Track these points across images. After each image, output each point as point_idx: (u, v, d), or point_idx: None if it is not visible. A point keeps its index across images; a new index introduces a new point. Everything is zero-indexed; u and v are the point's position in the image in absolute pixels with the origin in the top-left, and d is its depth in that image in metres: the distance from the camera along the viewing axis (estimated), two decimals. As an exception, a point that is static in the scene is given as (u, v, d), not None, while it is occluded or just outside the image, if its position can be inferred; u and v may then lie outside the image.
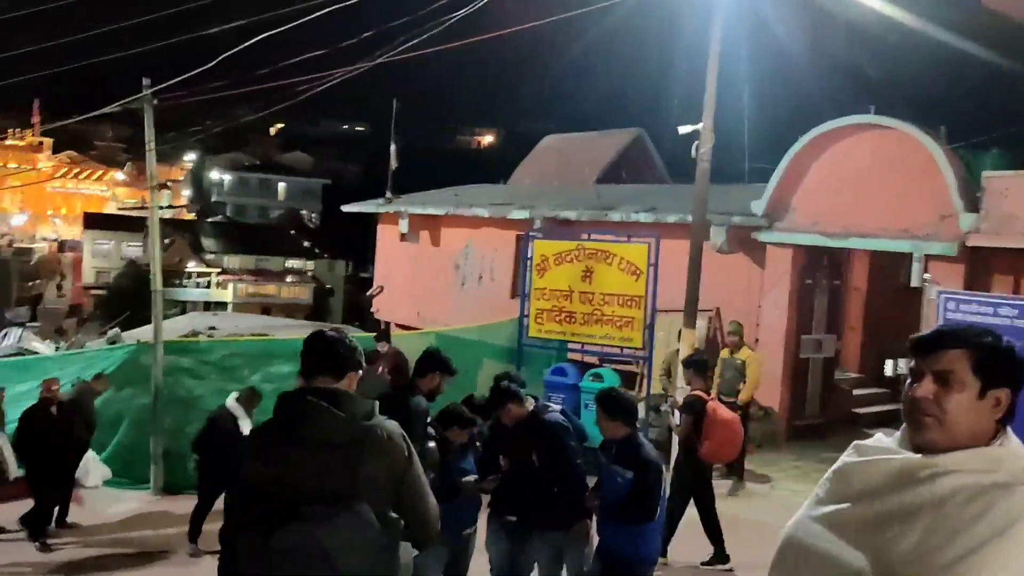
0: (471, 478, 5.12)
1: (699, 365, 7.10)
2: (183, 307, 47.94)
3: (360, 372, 2.71)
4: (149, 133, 10.15)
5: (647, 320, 9.88)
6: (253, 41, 7.97)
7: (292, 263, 62.13)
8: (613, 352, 10.83)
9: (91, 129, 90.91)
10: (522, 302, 10.85)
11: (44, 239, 69.88)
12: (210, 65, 8.15)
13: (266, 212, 73.66)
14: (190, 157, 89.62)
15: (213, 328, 17.00)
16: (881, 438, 1.88)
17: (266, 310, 52.37)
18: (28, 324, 47.01)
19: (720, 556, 7.05)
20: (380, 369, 9.97)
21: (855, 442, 1.89)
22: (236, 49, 7.97)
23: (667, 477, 5.48)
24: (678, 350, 9.38)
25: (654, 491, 4.64)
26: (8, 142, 78.19)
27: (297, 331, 17.43)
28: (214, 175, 77.25)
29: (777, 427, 11.60)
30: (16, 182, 72.72)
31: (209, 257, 61.09)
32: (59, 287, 62.97)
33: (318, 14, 8.87)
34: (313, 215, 73.19)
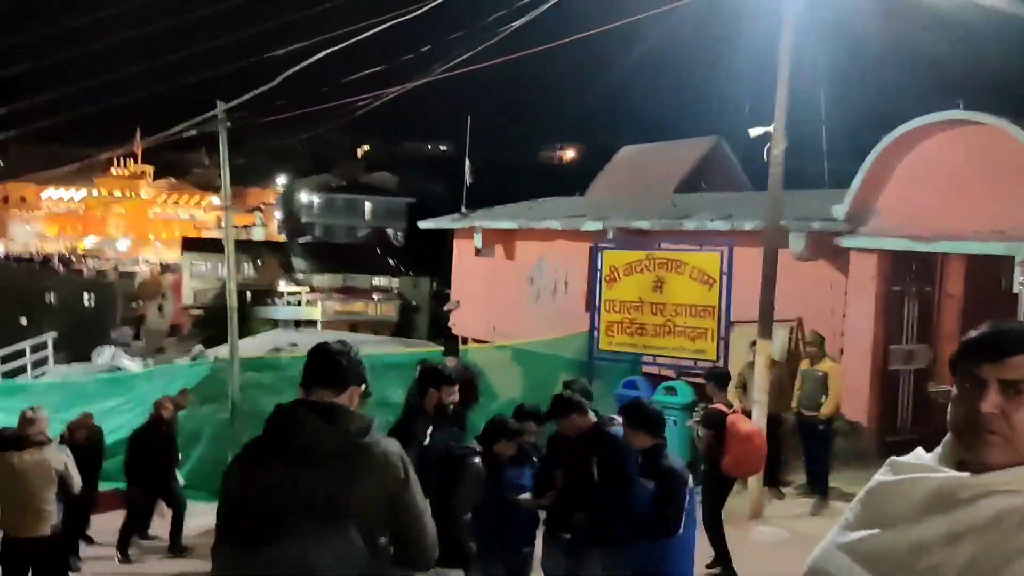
0: (527, 495, 4.96)
1: (719, 378, 7.18)
2: (275, 325, 49.44)
3: (363, 386, 2.59)
4: (223, 153, 10.45)
5: (721, 331, 9.54)
6: (319, 56, 8.07)
7: (378, 281, 63.35)
8: (689, 365, 10.50)
9: (189, 156, 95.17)
10: (592, 314, 10.65)
11: (146, 262, 73.30)
12: (274, 83, 8.32)
13: (353, 232, 75.40)
14: (282, 180, 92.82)
15: (294, 344, 17.38)
16: (920, 453, 1.65)
17: (354, 327, 53.51)
18: (131, 343, 49.34)
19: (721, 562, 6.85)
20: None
21: (891, 458, 1.66)
22: (301, 65, 8.09)
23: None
24: (752, 362, 8.99)
25: (675, 501, 4.43)
26: (114, 171, 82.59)
27: (373, 347, 17.65)
28: (303, 197, 79.63)
29: (866, 443, 10.98)
30: (121, 209, 76.76)
31: (299, 276, 62.88)
32: (160, 308, 65.87)
33: (383, 26, 8.93)
34: (398, 234, 74.54)
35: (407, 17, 9.44)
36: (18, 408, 11.63)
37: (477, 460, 4.62)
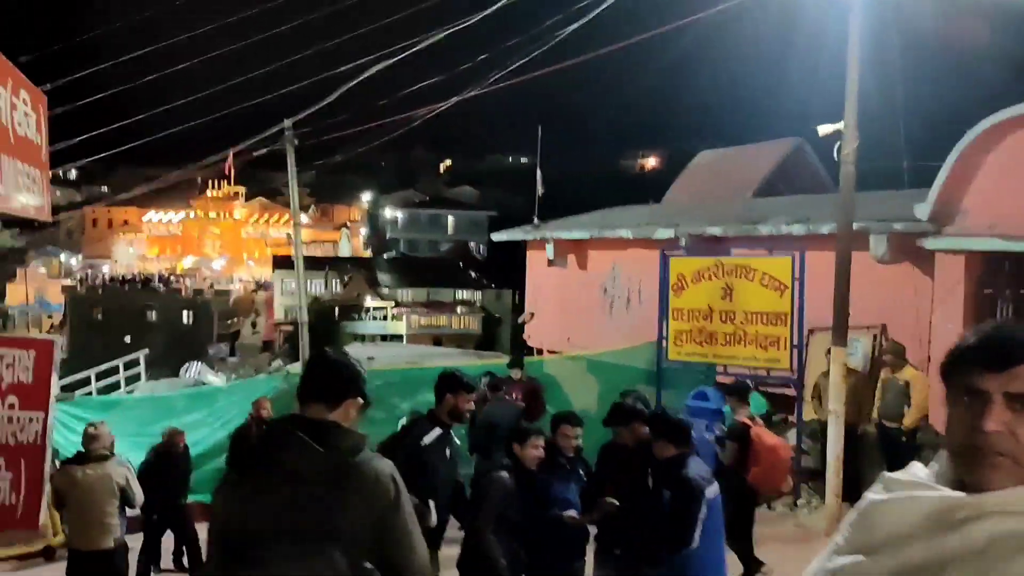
0: (572, 512, 4.79)
1: (741, 392, 7.16)
2: (362, 339, 50.46)
3: (360, 399, 2.49)
4: (291, 170, 10.69)
5: (794, 339, 9.15)
6: (378, 67, 8.14)
7: (462, 294, 63.96)
8: (765, 375, 10.10)
9: (278, 176, 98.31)
10: (660, 323, 10.37)
11: (240, 280, 76.02)
12: (331, 99, 8.42)
13: (436, 246, 76.42)
14: (367, 197, 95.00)
15: (371, 358, 17.57)
16: (916, 469, 1.45)
17: (438, 341, 54.16)
18: (227, 359, 51.06)
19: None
20: (514, 396, 9.83)
21: (882, 473, 1.48)
22: (357, 80, 8.18)
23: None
24: (828, 371, 8.57)
25: (687, 513, 4.22)
26: (209, 193, 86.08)
27: (449, 360, 17.72)
28: (388, 213, 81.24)
29: (957, 455, 10.34)
30: (216, 229, 79.86)
31: (384, 291, 64.08)
32: (254, 324, 68.20)
33: (444, 32, 8.95)
34: (480, 247, 75.22)
35: (471, 20, 9.48)
36: (118, 420, 12.22)
37: (503, 474, 4.49)
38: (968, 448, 1.30)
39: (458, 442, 5.02)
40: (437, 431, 4.72)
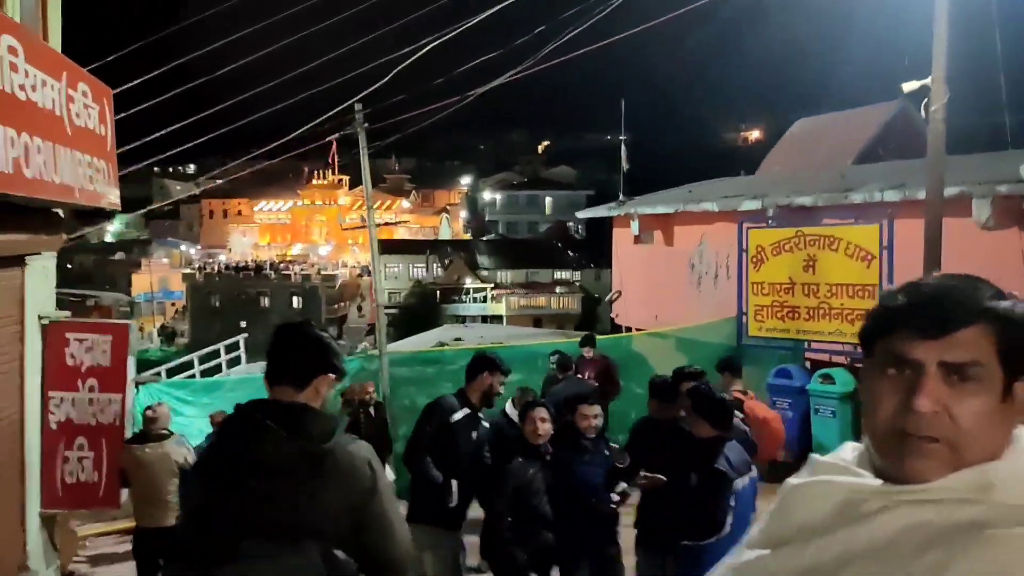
0: (617, 496, 4.55)
1: (733, 367, 7.10)
2: (463, 321, 51.13)
3: (334, 375, 2.31)
4: (363, 153, 10.77)
5: (883, 312, 8.60)
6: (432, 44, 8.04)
7: (560, 275, 63.85)
8: (853, 351, 9.55)
9: (380, 164, 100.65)
10: (739, 298, 9.96)
11: (344, 265, 78.24)
12: (385, 80, 8.38)
13: (535, 227, 76.49)
14: (466, 180, 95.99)
15: (458, 339, 17.72)
16: (845, 450, 1.24)
17: (537, 321, 54.39)
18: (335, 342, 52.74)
19: None
20: (587, 375, 9.64)
21: (811, 455, 1.27)
22: (410, 58, 8.11)
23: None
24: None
25: (714, 500, 3.99)
26: (315, 182, 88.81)
27: (537, 339, 17.67)
28: (487, 195, 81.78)
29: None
30: (322, 217, 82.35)
31: (484, 273, 64.69)
32: (359, 308, 70.16)
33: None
34: (579, 227, 74.83)
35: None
36: (217, 401, 12.77)
37: (518, 461, 4.35)
38: (892, 433, 1.07)
39: (487, 425, 4.94)
40: (465, 411, 4.65)
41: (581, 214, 19.71)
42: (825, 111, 23.88)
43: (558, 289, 61.90)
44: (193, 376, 17.36)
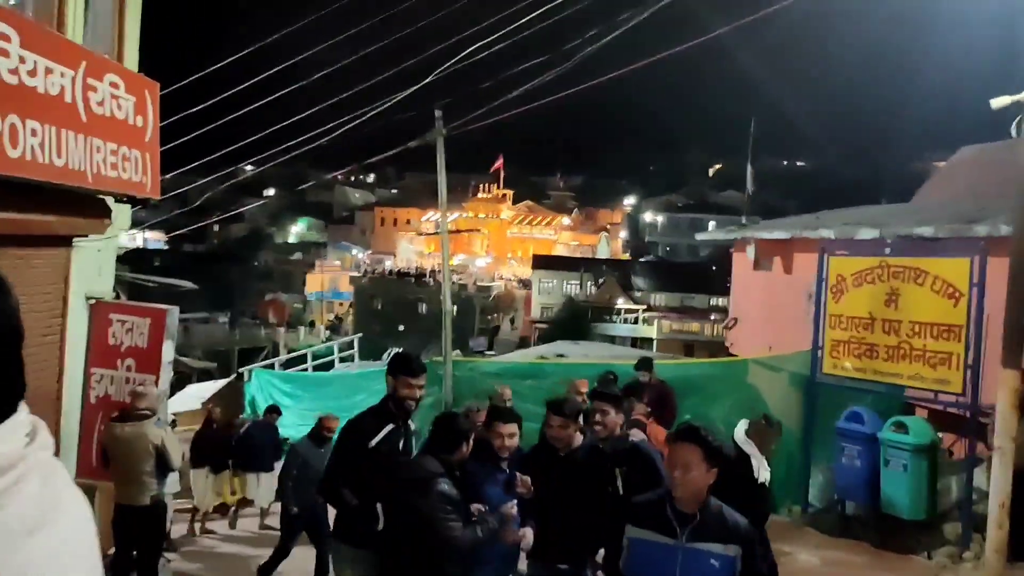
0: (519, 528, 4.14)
1: (635, 390, 7.40)
2: (612, 341, 50.50)
3: None
4: (440, 162, 10.79)
5: (969, 357, 7.52)
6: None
7: (717, 301, 61.71)
8: (947, 400, 8.42)
9: (546, 180, 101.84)
10: (815, 330, 9.09)
11: (501, 278, 79.55)
12: (425, 82, 8.32)
13: (695, 250, 74.56)
14: (630, 201, 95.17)
15: (560, 355, 17.40)
16: None
17: (688, 347, 52.71)
18: (485, 352, 53.72)
19: None
20: (643, 399, 9.11)
21: None
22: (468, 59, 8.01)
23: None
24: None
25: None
26: (480, 196, 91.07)
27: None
28: (648, 216, 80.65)
29: None
30: (484, 229, 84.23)
31: (637, 295, 63.66)
32: (512, 320, 71.07)
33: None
34: (742, 253, 72.04)
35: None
36: (323, 399, 13.24)
37: (444, 485, 3.96)
38: None
39: (412, 426, 4.64)
40: (389, 426, 4.37)
41: (700, 236, 18.90)
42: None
43: (713, 316, 59.80)
44: (306, 370, 18.11)
